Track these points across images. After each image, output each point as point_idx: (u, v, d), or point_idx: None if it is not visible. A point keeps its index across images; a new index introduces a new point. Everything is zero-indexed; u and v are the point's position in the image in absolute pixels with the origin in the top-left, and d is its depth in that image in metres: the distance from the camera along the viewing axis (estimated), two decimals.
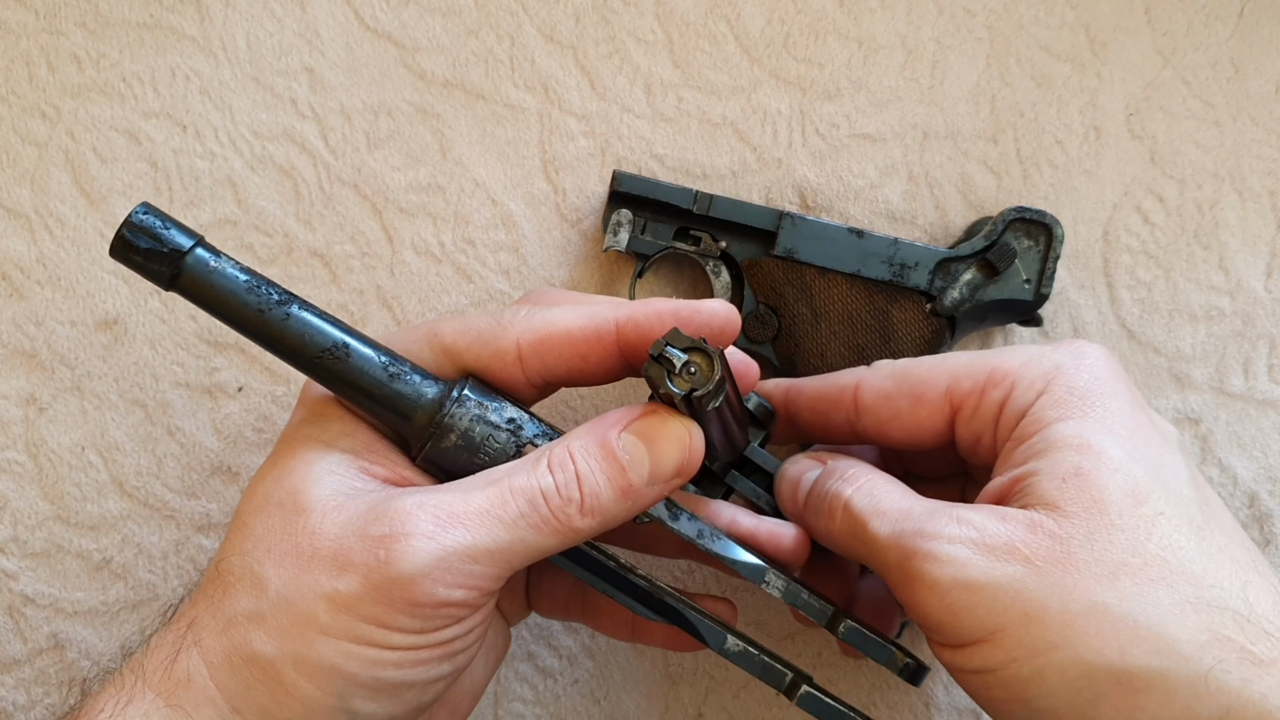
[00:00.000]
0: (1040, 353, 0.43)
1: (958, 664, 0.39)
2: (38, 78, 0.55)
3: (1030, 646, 0.37)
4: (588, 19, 0.55)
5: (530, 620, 0.55)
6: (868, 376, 0.46)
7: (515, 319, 0.42)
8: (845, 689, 0.55)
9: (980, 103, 0.56)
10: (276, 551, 0.38)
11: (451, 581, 0.37)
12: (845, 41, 0.56)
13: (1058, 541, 0.38)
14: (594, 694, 0.55)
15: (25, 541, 0.54)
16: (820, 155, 0.56)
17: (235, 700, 0.38)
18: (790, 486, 0.46)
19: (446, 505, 0.38)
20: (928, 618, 0.39)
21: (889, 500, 0.42)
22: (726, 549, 0.43)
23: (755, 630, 0.55)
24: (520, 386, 0.42)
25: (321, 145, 0.55)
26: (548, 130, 0.55)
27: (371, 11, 0.55)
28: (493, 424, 0.41)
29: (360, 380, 0.40)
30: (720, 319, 0.42)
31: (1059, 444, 0.40)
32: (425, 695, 0.40)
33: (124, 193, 0.55)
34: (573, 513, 0.39)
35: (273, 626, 0.38)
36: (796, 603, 0.44)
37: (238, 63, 0.55)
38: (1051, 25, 0.56)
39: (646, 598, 0.43)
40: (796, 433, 0.49)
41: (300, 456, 0.40)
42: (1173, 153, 0.56)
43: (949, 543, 0.39)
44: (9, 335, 0.54)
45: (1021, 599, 0.37)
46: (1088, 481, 0.39)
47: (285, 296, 0.40)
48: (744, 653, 0.43)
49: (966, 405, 0.43)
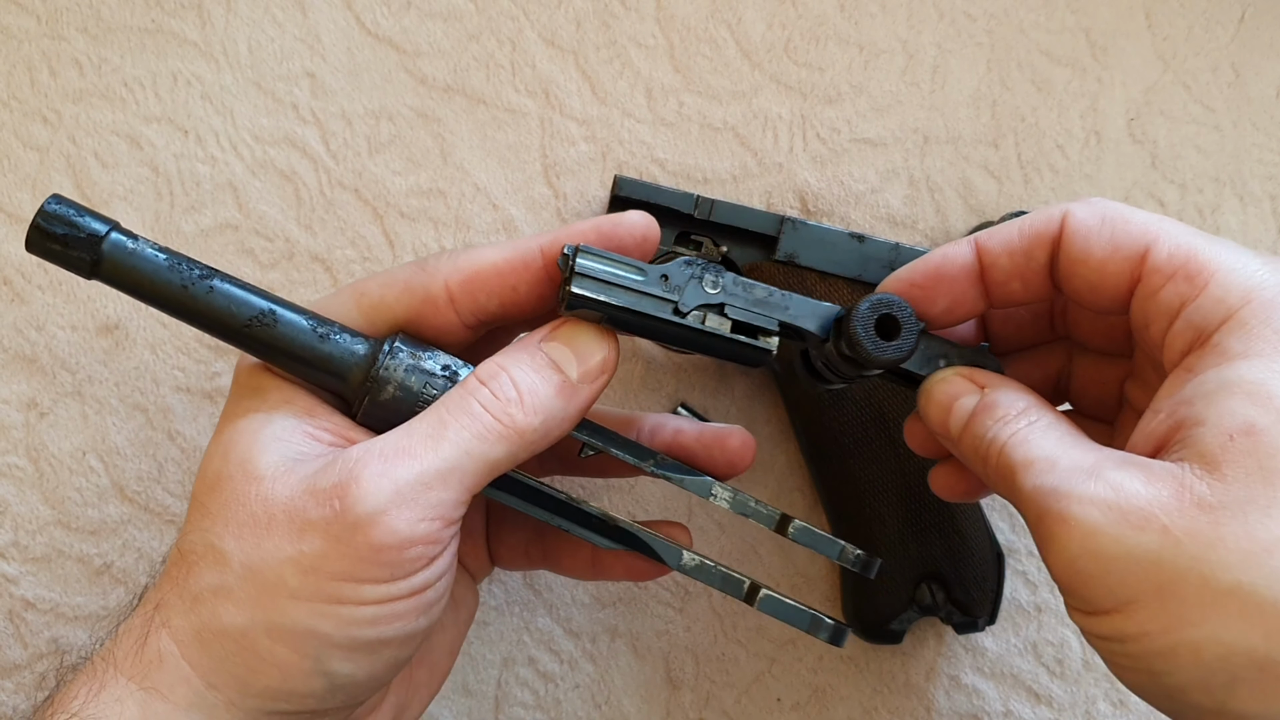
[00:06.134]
0: (1248, 262, 0.38)
1: (1087, 628, 0.37)
2: (39, 83, 0.55)
3: (1164, 622, 0.34)
4: (589, 24, 0.56)
5: (532, 624, 0.55)
6: (1076, 206, 0.40)
7: (440, 263, 0.42)
8: (847, 692, 0.55)
9: (981, 107, 0.56)
10: (234, 523, 0.38)
11: (412, 515, 0.37)
12: (846, 46, 0.56)
13: (1206, 511, 0.34)
14: (595, 698, 0.55)
15: (26, 546, 0.54)
16: (821, 160, 0.56)
17: (210, 676, 0.38)
18: (940, 411, 0.42)
19: (391, 443, 0.38)
20: (1058, 580, 0.37)
21: (1042, 449, 0.38)
22: (672, 468, 0.44)
23: (755, 635, 0.55)
24: (455, 330, 0.42)
25: (323, 150, 0.55)
26: (549, 135, 0.56)
27: (373, 16, 0.55)
28: (428, 371, 0.41)
29: (290, 345, 0.40)
30: (640, 229, 0.42)
31: (1235, 388, 0.35)
32: (403, 651, 0.39)
33: (125, 197, 0.55)
34: (514, 412, 0.39)
35: (240, 598, 0.37)
36: (745, 511, 0.44)
37: (239, 68, 0.55)
38: (1052, 30, 0.56)
39: (601, 526, 0.44)
40: (971, 305, 0.43)
41: (243, 429, 0.40)
42: (1173, 157, 0.56)
43: (1080, 503, 0.35)
44: (10, 340, 0.54)
45: (1157, 572, 0.34)
46: (1258, 442, 0.34)
47: (207, 271, 0.40)
48: (700, 566, 0.44)
49: (1150, 281, 0.38)
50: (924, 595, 0.52)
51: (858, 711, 0.55)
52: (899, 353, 0.41)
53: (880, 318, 0.41)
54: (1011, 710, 0.55)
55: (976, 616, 0.52)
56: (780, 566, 0.55)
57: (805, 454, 0.55)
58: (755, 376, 0.55)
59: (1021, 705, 0.55)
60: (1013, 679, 0.55)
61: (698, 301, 0.41)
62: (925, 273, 0.42)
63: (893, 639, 0.53)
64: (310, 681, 0.38)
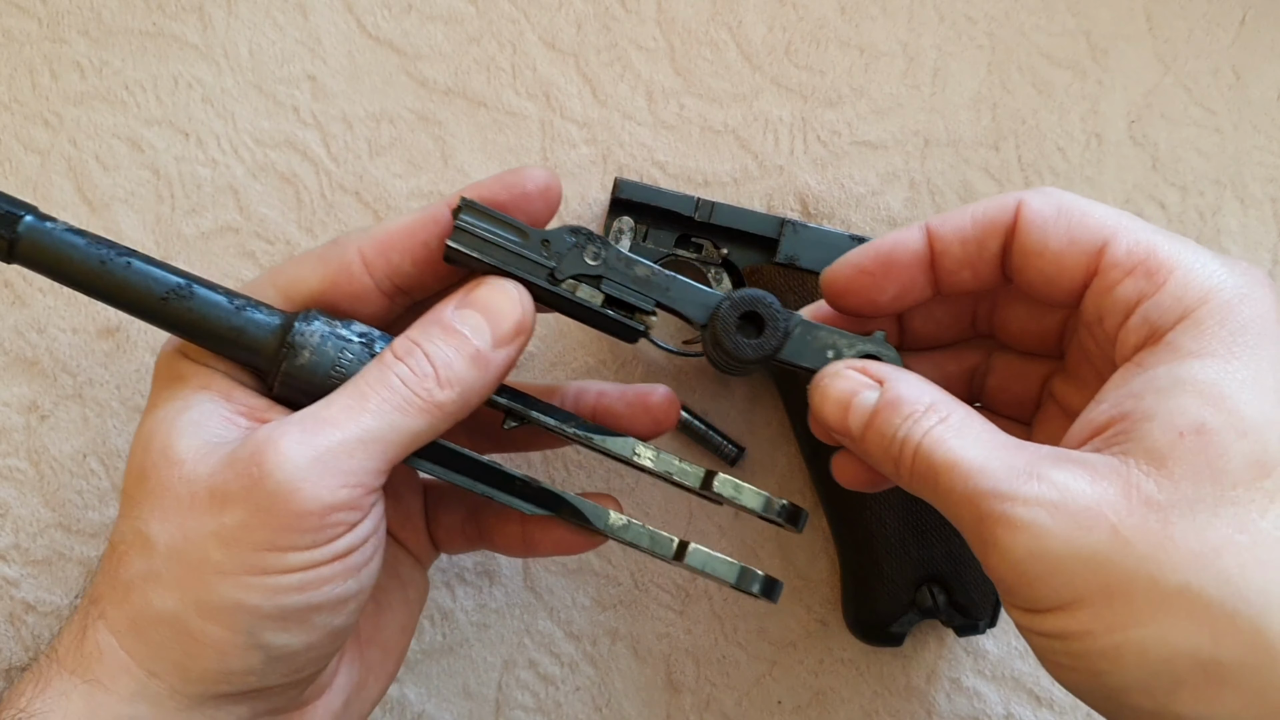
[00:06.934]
0: (1206, 262, 0.37)
1: (1027, 625, 0.36)
2: (40, 85, 0.55)
3: (1109, 622, 0.34)
4: (589, 26, 0.56)
5: (533, 627, 0.55)
6: (1030, 195, 0.39)
7: (352, 235, 0.42)
8: (848, 695, 0.55)
9: (981, 110, 0.56)
10: (159, 508, 0.38)
11: (332, 482, 0.37)
12: (846, 49, 0.56)
13: (1154, 510, 0.33)
14: (595, 701, 0.55)
15: (27, 549, 0.54)
16: (822, 162, 0.56)
17: (149, 663, 0.38)
18: (838, 409, 0.40)
19: (310, 415, 0.38)
20: (1001, 581, 0.36)
21: (965, 448, 0.36)
22: (593, 431, 0.43)
23: (756, 638, 0.55)
24: (372, 298, 0.42)
25: (323, 153, 0.55)
26: (549, 137, 0.56)
27: (373, 19, 0.55)
28: (344, 338, 0.41)
29: (207, 317, 0.40)
30: (540, 179, 0.42)
31: (1188, 386, 0.34)
32: (337, 618, 0.39)
33: (126, 200, 0.55)
34: (431, 386, 0.39)
35: (169, 581, 0.37)
36: (670, 469, 0.43)
37: (240, 70, 0.55)
38: (1052, 32, 0.56)
39: (524, 490, 0.43)
40: (913, 291, 0.42)
41: (162, 418, 0.40)
42: (1174, 159, 0.56)
43: (1025, 505, 0.34)
44: (11, 342, 0.54)
45: (1104, 572, 0.33)
46: (1208, 441, 0.34)
47: (124, 250, 0.41)
48: (628, 526, 0.43)
49: (1108, 275, 0.38)
50: (925, 598, 0.52)
51: (858, 714, 0.55)
52: (760, 351, 0.41)
53: (744, 314, 0.41)
54: (1013, 713, 0.55)
55: (977, 619, 0.52)
56: (781, 569, 0.55)
57: (805, 455, 0.55)
58: (756, 379, 0.55)
59: (1023, 708, 0.55)
60: (1014, 682, 0.55)
61: (574, 271, 0.41)
62: (875, 259, 0.41)
63: (893, 641, 0.53)
64: (247, 657, 0.37)
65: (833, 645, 0.55)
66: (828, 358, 0.41)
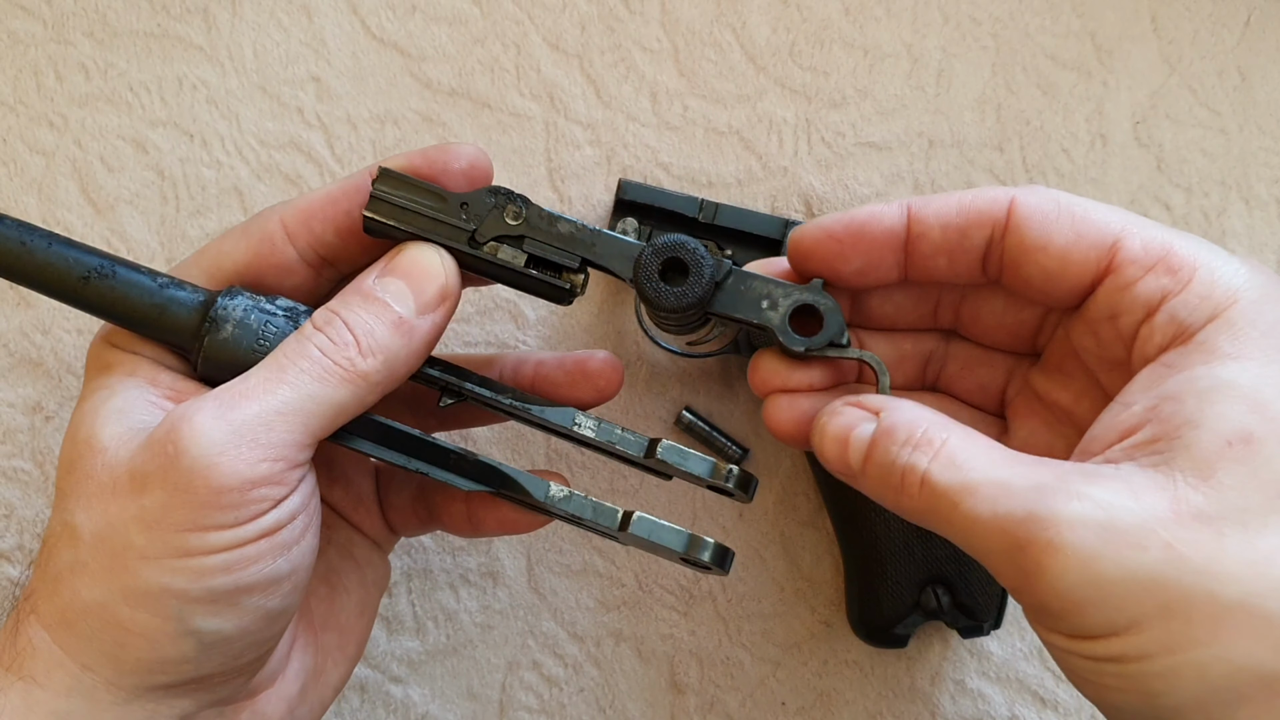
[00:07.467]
0: (1226, 260, 0.36)
1: (1073, 650, 0.34)
2: (45, 87, 0.55)
3: (1167, 643, 0.32)
4: (593, 28, 0.56)
5: (536, 628, 0.55)
6: (1022, 192, 0.38)
7: (275, 206, 0.42)
8: (852, 696, 0.55)
9: (986, 111, 0.56)
10: (84, 497, 0.37)
11: (250, 455, 0.36)
12: (851, 50, 0.56)
13: (1206, 523, 0.32)
14: (599, 702, 0.55)
15: (31, 550, 0.54)
16: (826, 163, 0.56)
17: (81, 656, 0.37)
18: (837, 447, 0.39)
19: (227, 389, 0.37)
20: (1043, 609, 0.34)
21: (980, 470, 0.35)
22: (530, 403, 0.42)
23: (760, 639, 0.55)
24: (296, 270, 0.42)
25: (328, 154, 0.55)
26: (553, 139, 0.56)
27: (378, 21, 0.56)
28: (268, 311, 0.40)
29: (129, 297, 0.40)
30: (466, 156, 0.41)
31: (1231, 391, 0.33)
32: (270, 600, 0.38)
33: (131, 201, 0.55)
34: (352, 355, 0.38)
35: (95, 570, 0.37)
36: (613, 438, 0.42)
37: (244, 72, 0.55)
38: (1057, 33, 0.56)
39: (461, 464, 0.42)
40: (885, 270, 0.41)
41: (88, 409, 0.39)
42: (1179, 161, 0.56)
43: (1070, 528, 0.32)
44: (16, 343, 0.55)
45: (1162, 591, 0.32)
46: (1255, 451, 0.32)
47: (46, 233, 0.40)
48: (570, 497, 0.42)
49: (1125, 271, 0.36)
50: (929, 599, 0.52)
51: (863, 716, 0.55)
52: (685, 299, 0.40)
53: (667, 260, 0.40)
54: (1017, 715, 0.55)
55: (982, 621, 0.52)
56: (785, 571, 0.55)
57: (810, 458, 0.55)
58: None
59: (1027, 710, 0.55)
60: (1018, 683, 0.55)
61: (495, 233, 0.40)
62: (847, 226, 0.40)
63: (898, 643, 0.53)
64: (179, 644, 0.37)
65: (837, 647, 0.55)
66: (762, 308, 0.40)
